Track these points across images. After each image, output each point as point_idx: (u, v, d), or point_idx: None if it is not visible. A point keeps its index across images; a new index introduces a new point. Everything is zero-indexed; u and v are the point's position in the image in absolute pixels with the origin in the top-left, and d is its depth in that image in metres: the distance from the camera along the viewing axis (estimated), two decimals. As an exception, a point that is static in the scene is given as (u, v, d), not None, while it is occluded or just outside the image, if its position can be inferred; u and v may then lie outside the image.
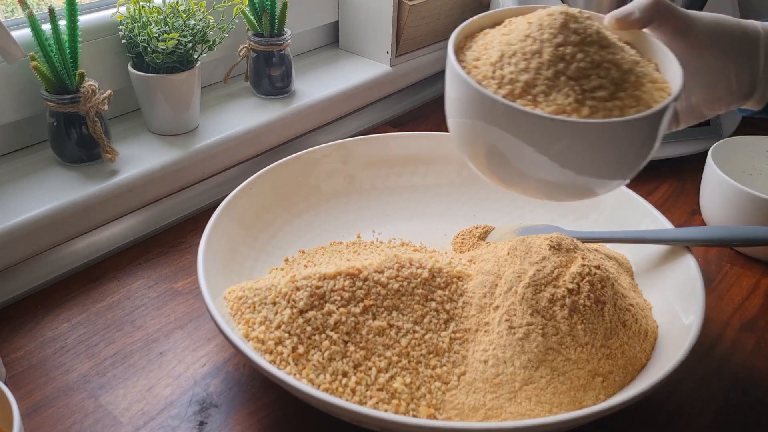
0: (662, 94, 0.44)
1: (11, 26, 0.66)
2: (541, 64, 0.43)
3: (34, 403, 0.52)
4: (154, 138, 0.74)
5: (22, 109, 0.67)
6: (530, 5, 0.49)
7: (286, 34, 0.82)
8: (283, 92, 0.84)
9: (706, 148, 0.76)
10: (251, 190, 0.66)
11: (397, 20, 0.92)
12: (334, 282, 0.52)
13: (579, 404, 0.48)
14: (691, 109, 0.51)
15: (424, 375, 0.49)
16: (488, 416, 0.47)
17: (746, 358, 0.59)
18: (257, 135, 0.79)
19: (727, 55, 0.48)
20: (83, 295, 0.63)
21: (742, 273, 0.70)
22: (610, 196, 0.68)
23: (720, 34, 0.48)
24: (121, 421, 0.51)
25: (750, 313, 0.64)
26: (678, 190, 0.84)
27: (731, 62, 0.48)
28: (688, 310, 0.54)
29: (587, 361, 0.50)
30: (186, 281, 0.65)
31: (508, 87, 0.43)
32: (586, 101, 0.42)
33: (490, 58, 0.45)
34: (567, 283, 0.53)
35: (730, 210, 0.70)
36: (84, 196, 0.64)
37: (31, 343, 0.58)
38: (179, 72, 0.71)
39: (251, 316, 0.52)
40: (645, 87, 0.44)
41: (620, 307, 0.55)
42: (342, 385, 0.48)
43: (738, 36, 0.48)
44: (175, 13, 0.71)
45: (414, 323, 0.52)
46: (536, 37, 0.44)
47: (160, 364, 0.56)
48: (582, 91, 0.42)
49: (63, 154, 0.68)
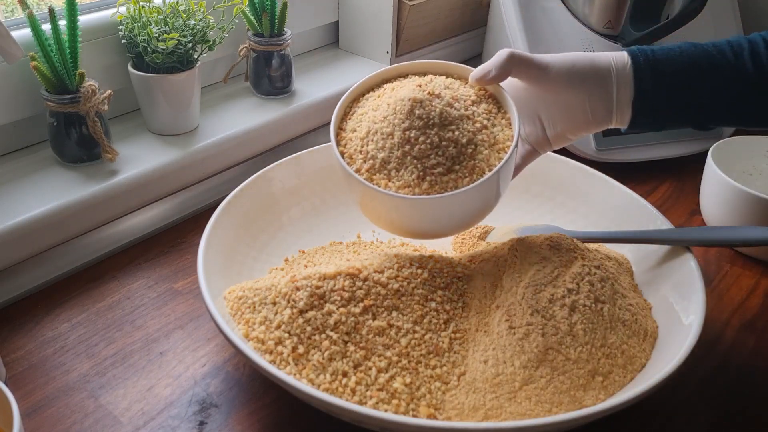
0: (500, 156, 0.53)
1: (11, 26, 0.66)
2: (393, 145, 0.53)
3: (34, 403, 0.52)
4: (154, 138, 0.74)
5: (22, 109, 0.67)
6: (409, 63, 0.59)
7: (286, 34, 0.82)
8: (283, 92, 0.84)
9: (706, 148, 0.76)
10: (251, 190, 0.66)
11: (397, 20, 0.92)
12: (334, 282, 0.52)
13: (579, 404, 0.48)
14: (558, 136, 0.57)
15: (424, 375, 0.50)
16: (488, 416, 0.47)
17: (746, 358, 0.59)
18: (257, 135, 0.79)
19: (582, 93, 0.54)
20: (83, 295, 0.63)
21: (742, 273, 0.70)
22: (610, 197, 0.68)
23: (573, 75, 0.54)
24: (121, 421, 0.51)
25: (750, 313, 0.64)
26: (678, 190, 0.84)
27: (586, 98, 0.54)
28: (688, 310, 0.54)
29: (587, 361, 0.50)
30: (186, 281, 0.65)
31: (370, 162, 0.54)
32: (426, 177, 0.52)
33: (360, 133, 0.55)
34: (567, 283, 0.53)
35: (730, 210, 0.70)
36: (84, 196, 0.64)
37: (31, 343, 0.58)
38: (179, 72, 0.71)
39: (251, 316, 0.52)
40: (482, 155, 0.53)
41: (620, 307, 0.55)
42: (342, 385, 0.48)
43: (590, 75, 0.54)
44: (175, 13, 0.71)
45: (414, 323, 0.52)
46: (390, 120, 0.53)
47: (160, 364, 0.56)
48: (423, 168, 0.52)
49: (63, 154, 0.68)
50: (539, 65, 0.54)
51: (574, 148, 0.85)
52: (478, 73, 0.56)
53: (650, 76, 0.53)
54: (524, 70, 0.54)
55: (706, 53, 0.54)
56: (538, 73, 0.54)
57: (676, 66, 0.54)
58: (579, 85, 0.54)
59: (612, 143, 0.85)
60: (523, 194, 0.74)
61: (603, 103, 0.54)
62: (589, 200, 0.70)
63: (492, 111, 0.56)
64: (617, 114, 0.55)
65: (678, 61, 0.54)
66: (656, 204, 0.77)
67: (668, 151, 0.87)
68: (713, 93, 0.54)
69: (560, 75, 0.54)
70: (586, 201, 0.70)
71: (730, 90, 0.54)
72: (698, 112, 0.55)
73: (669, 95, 0.54)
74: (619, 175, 0.71)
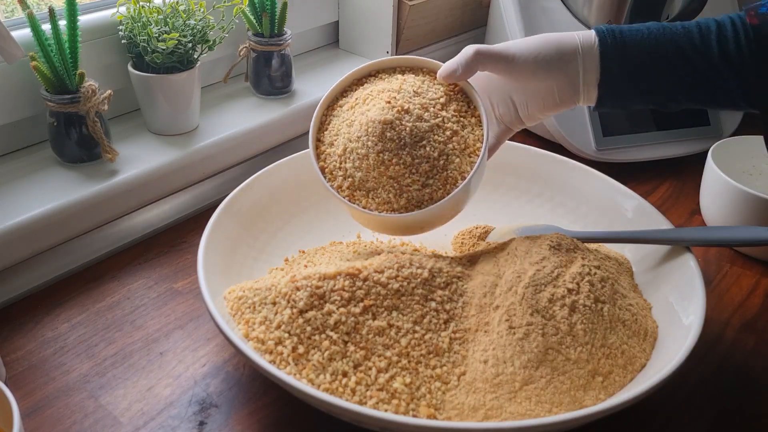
0: (471, 161, 0.57)
1: (11, 26, 0.66)
2: (369, 166, 0.56)
3: (34, 403, 0.52)
4: (154, 138, 0.74)
5: (22, 109, 0.67)
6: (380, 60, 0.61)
7: (286, 34, 0.82)
8: (283, 92, 0.84)
9: (706, 148, 0.76)
10: (251, 190, 0.66)
11: (397, 20, 0.92)
12: (334, 282, 0.52)
13: (579, 404, 0.48)
14: (529, 116, 0.59)
15: (424, 375, 0.49)
16: (488, 416, 0.47)
17: (746, 358, 0.59)
18: (257, 135, 0.79)
19: (549, 80, 0.55)
20: (83, 295, 0.63)
21: (742, 273, 0.70)
22: (610, 196, 0.68)
23: (539, 64, 0.55)
24: (121, 421, 0.51)
25: (750, 313, 0.64)
26: (678, 190, 0.84)
27: (553, 84, 0.56)
28: (688, 310, 0.54)
29: (587, 361, 0.50)
30: (186, 281, 0.65)
31: (350, 180, 0.57)
32: (403, 194, 0.56)
33: (337, 149, 0.58)
34: (567, 283, 0.53)
35: (730, 210, 0.70)
36: (84, 196, 0.64)
37: (31, 343, 0.58)
38: (179, 72, 0.71)
39: (251, 316, 0.52)
40: (453, 164, 0.56)
41: (620, 307, 0.55)
42: (342, 385, 0.48)
43: (556, 61, 0.55)
44: (175, 13, 0.71)
45: (414, 323, 0.52)
46: (364, 141, 0.56)
47: (160, 364, 0.56)
48: (400, 186, 0.56)
49: (63, 154, 0.68)
50: (506, 58, 0.55)
51: (574, 148, 0.85)
52: (444, 72, 0.57)
53: (617, 60, 0.54)
54: (491, 64, 0.56)
55: (673, 37, 0.54)
56: (506, 65, 0.55)
57: (643, 49, 0.54)
58: (545, 73, 0.55)
59: (612, 143, 0.85)
60: (523, 194, 0.74)
61: (569, 87, 0.56)
62: (589, 200, 0.70)
63: (461, 110, 0.58)
64: (584, 94, 0.56)
65: (645, 44, 0.54)
66: (656, 204, 0.77)
67: (668, 151, 0.87)
68: (676, 79, 0.55)
69: (527, 65, 0.55)
70: (586, 201, 0.70)
71: (695, 77, 0.54)
72: (661, 96, 0.56)
73: (634, 79, 0.55)
74: (619, 175, 0.71)
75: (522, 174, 0.74)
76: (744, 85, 0.53)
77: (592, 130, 0.85)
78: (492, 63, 0.56)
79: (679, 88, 0.55)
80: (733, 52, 0.53)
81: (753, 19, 0.53)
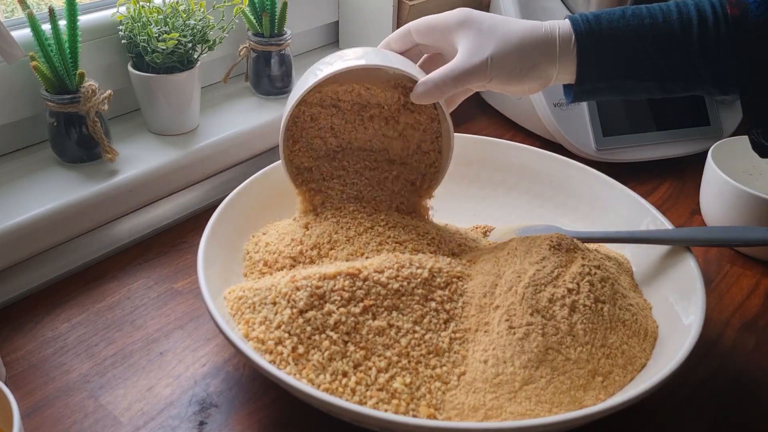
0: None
1: (11, 26, 0.66)
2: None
3: (34, 403, 0.52)
4: (154, 138, 0.74)
5: (22, 109, 0.67)
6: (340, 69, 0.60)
7: (286, 34, 0.82)
8: (283, 92, 0.84)
9: (706, 148, 0.76)
10: (251, 190, 0.66)
11: (397, 20, 0.92)
12: (334, 282, 0.52)
13: (579, 404, 0.48)
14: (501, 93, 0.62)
15: (424, 375, 0.49)
16: (488, 416, 0.47)
17: (746, 358, 0.59)
18: (257, 135, 0.79)
19: (522, 86, 0.56)
20: (83, 295, 0.63)
21: (742, 273, 0.70)
22: (610, 196, 0.68)
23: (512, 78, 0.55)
24: (121, 421, 0.51)
25: (750, 313, 0.64)
26: (678, 190, 0.84)
27: (526, 84, 0.56)
28: (688, 310, 0.54)
29: (587, 361, 0.50)
30: (186, 281, 0.65)
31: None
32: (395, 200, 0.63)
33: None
34: (567, 282, 0.53)
35: (730, 210, 0.70)
36: (84, 196, 0.64)
37: (31, 343, 0.58)
38: (179, 72, 0.71)
39: (251, 316, 0.52)
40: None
41: (620, 307, 0.55)
42: (342, 385, 0.48)
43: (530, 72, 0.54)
44: (175, 13, 0.71)
45: (414, 323, 0.52)
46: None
47: (160, 364, 0.56)
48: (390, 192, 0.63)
49: (63, 154, 0.68)
50: (479, 82, 0.55)
51: (574, 148, 0.85)
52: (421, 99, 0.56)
53: (594, 67, 0.54)
54: (465, 94, 0.60)
55: (653, 31, 0.53)
56: (480, 87, 0.56)
57: (621, 49, 0.53)
58: (518, 84, 0.55)
59: (612, 143, 0.85)
60: (523, 194, 0.74)
61: (540, 87, 0.56)
62: (589, 200, 0.70)
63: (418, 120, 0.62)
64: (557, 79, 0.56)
65: (624, 43, 0.53)
66: (656, 204, 0.77)
67: (668, 151, 0.87)
68: (652, 75, 0.54)
69: (500, 81, 0.55)
70: (586, 201, 0.70)
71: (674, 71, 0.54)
72: (635, 93, 0.56)
73: (609, 79, 0.55)
74: (619, 175, 0.71)
75: (522, 174, 0.74)
76: (719, 76, 0.53)
77: (592, 130, 0.85)
78: (466, 92, 0.60)
79: (653, 83, 0.55)
80: (713, 46, 0.52)
81: (734, 9, 0.52)
